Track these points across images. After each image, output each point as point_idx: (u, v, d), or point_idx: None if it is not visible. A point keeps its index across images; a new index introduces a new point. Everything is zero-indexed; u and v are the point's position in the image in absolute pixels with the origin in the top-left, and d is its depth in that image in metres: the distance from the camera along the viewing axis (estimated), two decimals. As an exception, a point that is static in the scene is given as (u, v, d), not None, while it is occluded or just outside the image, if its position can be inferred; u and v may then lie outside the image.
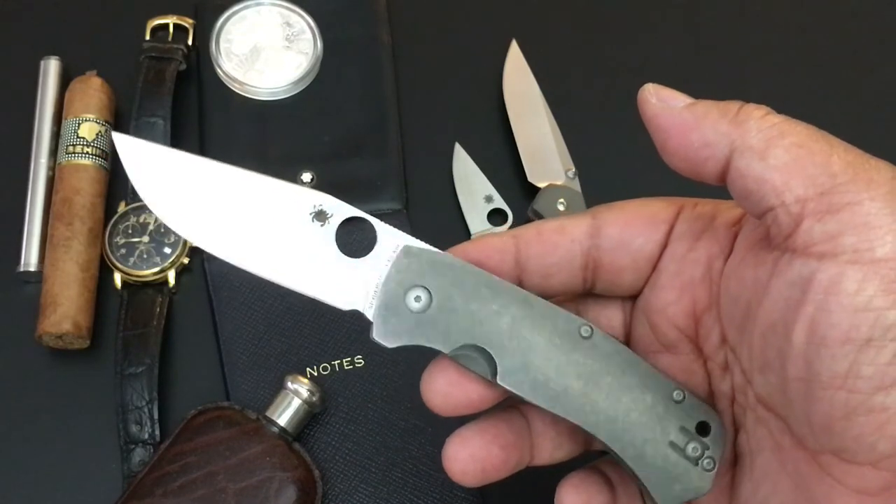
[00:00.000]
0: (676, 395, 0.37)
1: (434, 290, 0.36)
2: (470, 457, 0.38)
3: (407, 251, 0.36)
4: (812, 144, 0.31)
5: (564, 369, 0.36)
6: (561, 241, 0.37)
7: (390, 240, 0.36)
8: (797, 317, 0.31)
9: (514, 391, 0.36)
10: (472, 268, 0.36)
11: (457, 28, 0.63)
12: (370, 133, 0.58)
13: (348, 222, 0.37)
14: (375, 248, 0.36)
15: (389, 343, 0.36)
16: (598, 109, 0.61)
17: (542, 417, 0.39)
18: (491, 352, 0.36)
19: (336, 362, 0.53)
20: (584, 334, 0.36)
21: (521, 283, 0.37)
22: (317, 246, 0.36)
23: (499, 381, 0.36)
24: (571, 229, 0.37)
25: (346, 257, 0.36)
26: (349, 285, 0.36)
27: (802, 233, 0.31)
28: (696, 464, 0.37)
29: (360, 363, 0.53)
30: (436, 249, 0.36)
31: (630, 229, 0.37)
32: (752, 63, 0.63)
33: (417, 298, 0.36)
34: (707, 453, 0.37)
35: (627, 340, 0.39)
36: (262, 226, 0.36)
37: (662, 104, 0.34)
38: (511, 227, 0.57)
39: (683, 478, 0.37)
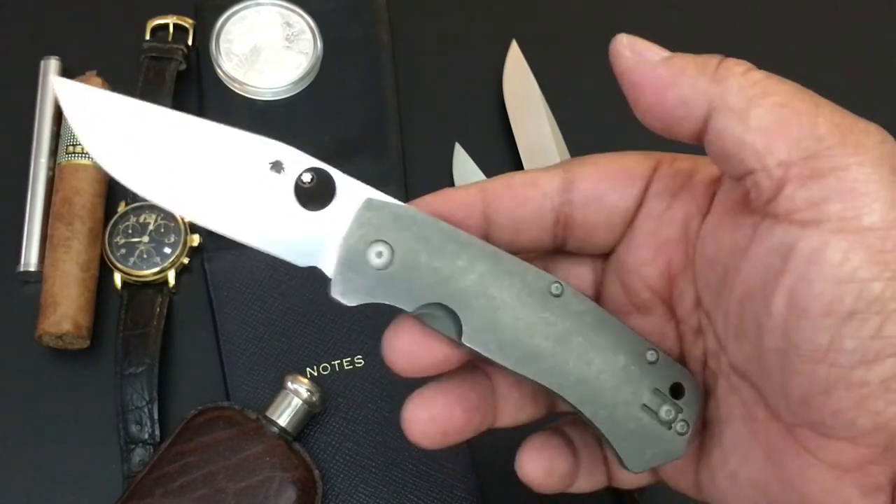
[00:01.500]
0: (650, 355, 0.35)
1: (396, 245, 0.34)
2: (431, 418, 0.36)
3: (368, 204, 0.34)
4: (797, 104, 0.30)
5: (533, 329, 0.34)
6: (532, 194, 0.35)
7: (352, 192, 0.34)
8: (777, 286, 0.29)
9: (480, 351, 0.34)
10: (438, 222, 0.34)
11: (457, 28, 0.63)
12: (370, 133, 0.58)
13: (308, 173, 0.35)
14: (336, 201, 0.34)
15: (349, 301, 0.34)
16: (598, 109, 0.61)
17: (507, 378, 0.37)
18: (456, 310, 0.34)
19: (336, 362, 0.53)
20: (555, 292, 0.35)
21: (488, 239, 0.35)
22: (273, 198, 0.34)
23: (464, 342, 0.34)
24: (543, 183, 0.35)
25: (305, 211, 0.34)
26: (308, 240, 0.34)
27: (784, 198, 0.29)
28: (669, 427, 0.36)
29: (360, 363, 0.53)
30: (399, 202, 0.34)
31: (604, 184, 0.35)
32: (754, 59, 0.63)
33: (379, 254, 0.34)
34: (681, 416, 0.36)
35: (598, 300, 0.38)
36: (216, 176, 0.34)
37: (637, 57, 0.32)
38: (511, 227, 0.57)
39: (655, 442, 0.36)
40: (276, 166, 0.35)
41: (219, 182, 0.34)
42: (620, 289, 0.37)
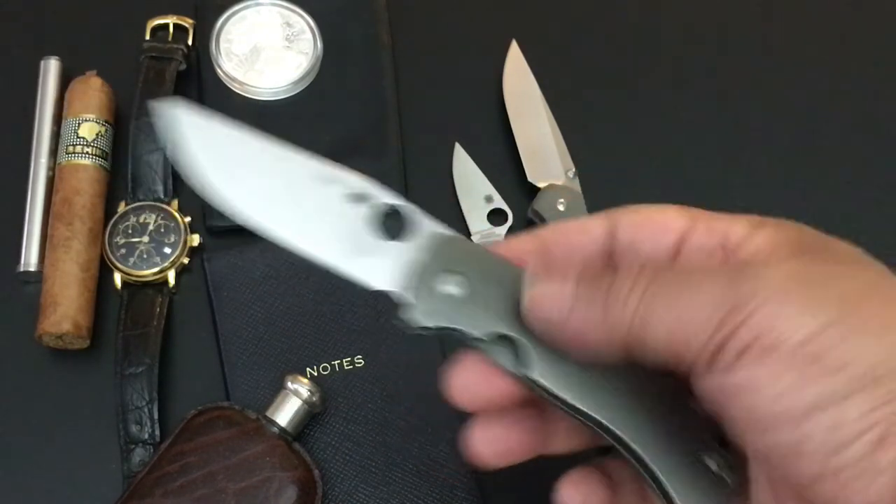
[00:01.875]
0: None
1: (470, 276, 0.36)
2: (491, 441, 0.38)
3: (442, 238, 0.37)
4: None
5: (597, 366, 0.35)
6: (582, 240, 0.37)
7: (426, 227, 0.37)
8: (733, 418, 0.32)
9: (545, 384, 0.35)
10: (507, 260, 0.37)
11: (457, 28, 0.63)
12: (370, 133, 0.58)
13: (387, 207, 0.38)
14: (411, 233, 0.37)
15: (424, 321, 0.36)
16: (597, 109, 0.61)
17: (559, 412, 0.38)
18: (528, 341, 0.35)
19: (336, 362, 0.53)
20: None
21: None
22: (353, 226, 0.38)
23: (532, 374, 0.35)
24: (591, 229, 0.37)
25: (381, 240, 0.37)
26: (383, 267, 0.37)
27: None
28: (719, 476, 0.36)
29: (360, 363, 0.53)
30: (471, 241, 0.37)
31: (640, 233, 0.37)
32: (754, 58, 0.63)
33: (454, 283, 0.36)
34: (727, 465, 0.36)
35: None
36: (300, 203, 0.38)
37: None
38: (511, 227, 0.57)
39: (704, 488, 0.36)
40: (359, 198, 0.38)
41: (304, 209, 0.38)
42: None
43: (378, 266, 0.37)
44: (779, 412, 0.30)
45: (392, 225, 0.38)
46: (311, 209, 0.38)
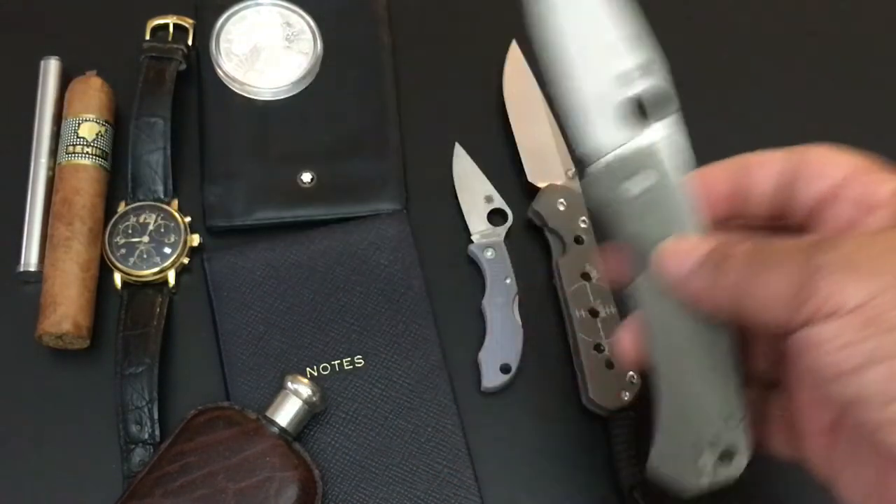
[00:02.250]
0: (731, 420, 0.40)
1: (654, 189, 0.40)
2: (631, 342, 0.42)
3: (667, 148, 0.40)
4: None
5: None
6: (761, 175, 0.41)
7: (665, 132, 0.40)
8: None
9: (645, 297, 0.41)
10: (694, 198, 0.40)
11: (457, 28, 0.63)
12: (370, 133, 0.58)
13: (655, 92, 0.40)
14: (650, 123, 0.40)
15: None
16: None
17: None
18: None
19: (336, 362, 0.53)
20: None
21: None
22: (616, 89, 0.40)
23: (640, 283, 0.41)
24: (770, 164, 0.40)
25: (629, 112, 0.40)
26: (613, 132, 0.40)
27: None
28: (699, 475, 0.40)
29: (360, 363, 0.53)
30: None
31: (800, 175, 0.40)
32: (756, 54, 0.63)
33: (639, 182, 0.40)
34: (713, 475, 0.41)
35: None
36: (598, 51, 0.41)
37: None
38: (511, 227, 0.57)
39: (684, 469, 0.41)
40: (642, 73, 0.40)
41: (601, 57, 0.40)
42: None
43: (610, 128, 0.40)
44: (841, 365, 0.33)
45: (643, 108, 0.40)
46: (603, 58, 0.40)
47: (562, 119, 0.43)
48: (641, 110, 0.40)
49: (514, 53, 0.61)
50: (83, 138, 0.55)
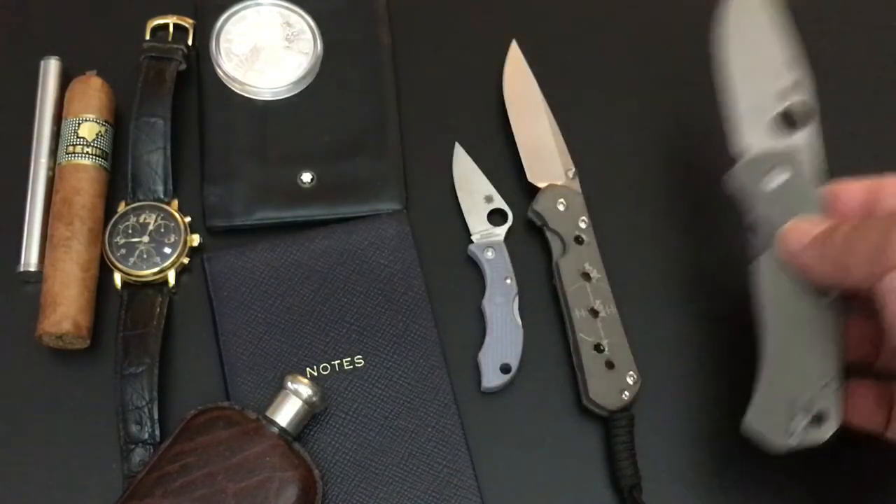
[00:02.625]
0: (831, 384, 0.46)
1: (789, 186, 0.48)
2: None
3: (801, 155, 0.49)
4: None
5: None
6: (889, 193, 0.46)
7: (805, 140, 0.49)
8: None
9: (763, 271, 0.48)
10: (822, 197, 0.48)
11: (457, 28, 0.63)
12: (370, 133, 0.58)
13: (803, 107, 0.49)
14: (794, 133, 0.49)
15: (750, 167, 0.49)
16: (597, 109, 0.61)
17: None
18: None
19: (336, 362, 0.53)
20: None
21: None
22: (773, 100, 0.50)
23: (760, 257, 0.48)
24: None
25: (776, 122, 0.50)
26: (761, 136, 0.50)
27: None
28: (789, 435, 0.46)
29: (360, 363, 0.53)
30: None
31: None
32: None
33: (777, 177, 0.48)
34: (802, 436, 0.46)
35: None
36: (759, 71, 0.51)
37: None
38: (511, 227, 0.57)
39: (776, 429, 0.46)
40: (794, 90, 0.50)
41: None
42: None
43: (762, 132, 0.49)
44: None
45: (792, 118, 0.49)
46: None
47: (722, 119, 0.51)
48: (790, 119, 0.50)
49: (514, 53, 0.61)
50: (83, 138, 0.55)
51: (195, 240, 0.55)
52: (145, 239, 0.54)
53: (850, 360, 0.47)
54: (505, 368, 0.53)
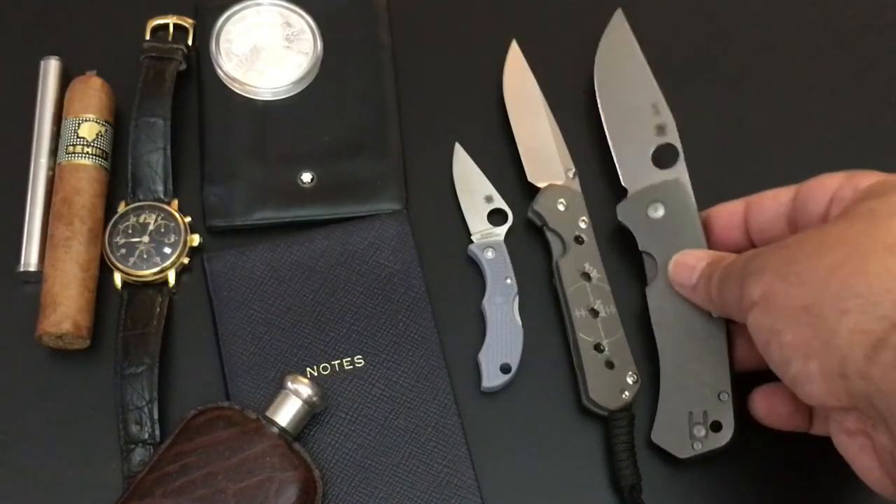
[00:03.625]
0: (723, 396, 0.51)
1: (670, 214, 0.54)
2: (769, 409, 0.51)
3: (677, 186, 0.55)
4: None
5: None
6: (773, 205, 0.50)
7: (678, 175, 0.56)
8: None
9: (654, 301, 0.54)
10: (701, 225, 0.54)
11: (457, 28, 0.63)
12: (370, 133, 0.58)
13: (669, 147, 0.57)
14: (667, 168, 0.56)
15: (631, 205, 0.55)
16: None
17: None
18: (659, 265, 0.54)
19: (336, 362, 0.53)
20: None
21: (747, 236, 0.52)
22: (647, 143, 0.57)
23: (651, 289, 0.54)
24: (781, 196, 0.50)
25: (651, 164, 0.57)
26: (639, 168, 0.57)
27: None
28: (689, 437, 0.51)
29: (360, 363, 0.53)
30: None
31: (808, 196, 0.48)
32: (753, 50, 0.63)
33: (657, 210, 0.54)
34: (703, 443, 0.51)
35: None
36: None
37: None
38: (511, 227, 0.57)
39: (677, 437, 0.51)
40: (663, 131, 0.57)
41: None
42: None
43: (639, 171, 0.55)
44: (758, 340, 0.46)
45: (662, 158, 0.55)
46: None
47: (613, 158, 0.57)
48: (661, 159, 0.56)
49: (514, 53, 0.61)
50: (83, 138, 0.55)
51: (195, 240, 0.55)
52: (145, 239, 0.54)
53: (757, 367, 0.50)
54: (505, 368, 0.53)
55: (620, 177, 0.56)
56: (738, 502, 0.53)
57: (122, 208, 0.55)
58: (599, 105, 0.58)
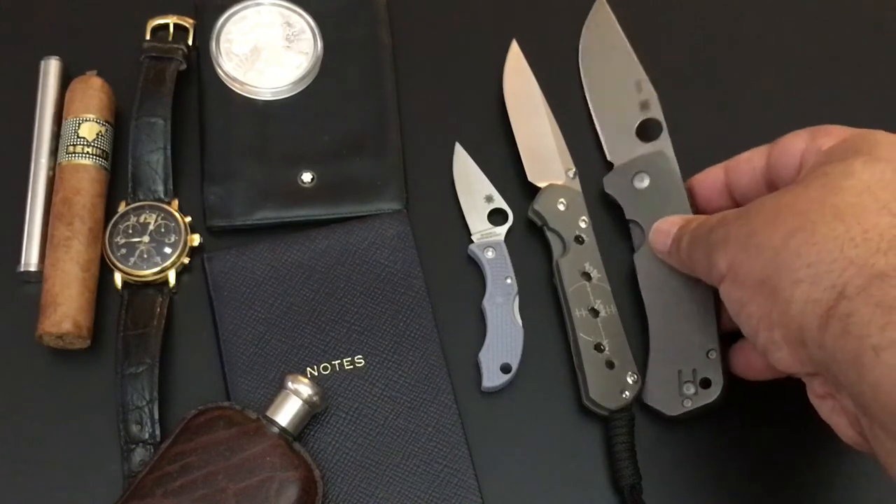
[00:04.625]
0: (711, 354, 0.52)
1: (655, 184, 0.55)
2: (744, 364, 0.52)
3: (661, 157, 0.56)
4: None
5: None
6: (748, 168, 0.51)
7: (661, 147, 0.57)
8: None
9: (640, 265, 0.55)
10: (686, 194, 0.55)
11: (457, 28, 0.63)
12: (370, 133, 0.58)
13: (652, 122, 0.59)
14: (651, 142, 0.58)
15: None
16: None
17: None
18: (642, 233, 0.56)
19: (336, 362, 0.53)
20: None
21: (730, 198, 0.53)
22: (631, 115, 0.59)
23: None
24: (755, 159, 0.51)
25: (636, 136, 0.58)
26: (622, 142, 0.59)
27: None
28: (679, 394, 0.52)
29: (360, 363, 0.53)
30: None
31: (778, 158, 0.49)
32: (753, 52, 0.63)
33: (642, 180, 0.56)
34: (692, 399, 0.51)
35: None
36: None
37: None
38: (511, 227, 0.57)
39: (669, 394, 0.52)
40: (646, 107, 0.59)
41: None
42: None
43: (625, 145, 0.57)
44: (732, 312, 0.46)
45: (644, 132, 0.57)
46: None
47: (598, 131, 0.59)
48: (645, 132, 0.57)
49: (514, 53, 0.61)
50: (83, 138, 0.55)
51: (195, 240, 0.55)
52: (145, 239, 0.54)
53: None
54: (505, 368, 0.53)
55: (606, 152, 0.58)
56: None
57: (122, 208, 0.55)
58: (584, 85, 0.60)
